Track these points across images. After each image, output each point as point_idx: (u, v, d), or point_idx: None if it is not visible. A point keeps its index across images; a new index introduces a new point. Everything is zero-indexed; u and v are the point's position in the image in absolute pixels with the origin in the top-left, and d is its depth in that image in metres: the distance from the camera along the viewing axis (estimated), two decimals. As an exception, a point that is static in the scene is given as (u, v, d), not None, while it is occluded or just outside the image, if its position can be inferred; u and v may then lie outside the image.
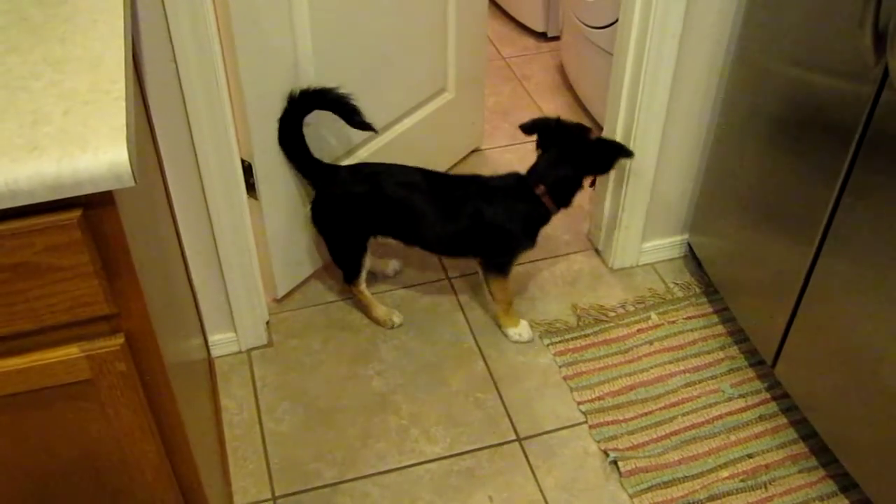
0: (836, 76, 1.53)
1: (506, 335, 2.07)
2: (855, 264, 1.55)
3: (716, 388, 1.94)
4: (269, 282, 2.07)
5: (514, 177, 1.95)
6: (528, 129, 1.95)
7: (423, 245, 2.04)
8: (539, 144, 1.96)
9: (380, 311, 2.09)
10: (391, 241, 2.03)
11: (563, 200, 1.95)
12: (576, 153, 1.92)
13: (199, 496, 1.28)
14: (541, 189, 1.90)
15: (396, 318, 2.09)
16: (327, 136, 2.03)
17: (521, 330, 2.06)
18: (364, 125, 1.91)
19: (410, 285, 2.21)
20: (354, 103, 1.88)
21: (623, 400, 1.91)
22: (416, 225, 1.96)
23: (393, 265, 2.23)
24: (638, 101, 1.93)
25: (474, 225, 1.92)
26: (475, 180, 1.97)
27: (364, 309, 2.11)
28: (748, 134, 1.85)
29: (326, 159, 2.04)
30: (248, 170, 1.84)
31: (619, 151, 1.93)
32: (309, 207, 2.00)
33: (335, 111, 1.90)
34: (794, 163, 1.70)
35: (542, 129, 1.95)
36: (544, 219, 1.96)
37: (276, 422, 1.88)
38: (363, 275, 2.03)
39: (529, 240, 1.97)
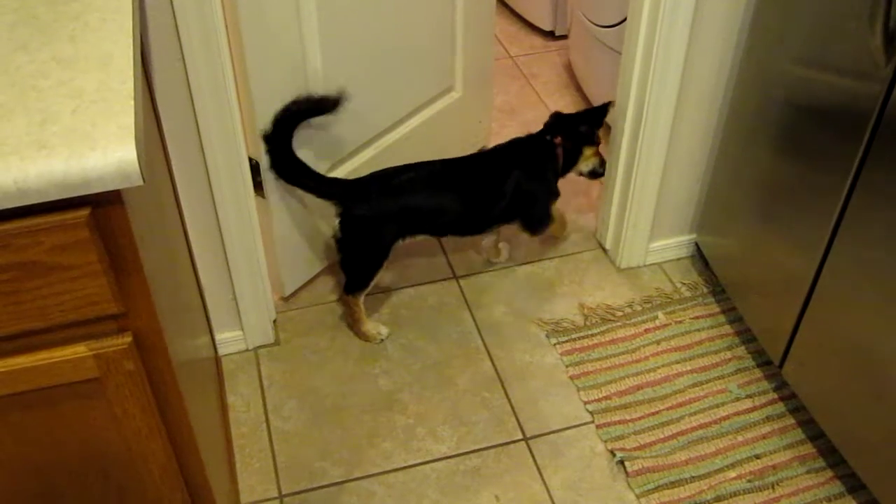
0: (845, 76, 1.52)
1: (555, 235, 2.29)
2: (863, 265, 1.54)
3: (723, 388, 1.93)
4: (276, 280, 2.07)
5: (525, 137, 2.11)
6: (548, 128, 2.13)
7: (456, 231, 2.11)
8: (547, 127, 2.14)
9: (368, 325, 2.05)
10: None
11: (567, 161, 2.11)
12: (571, 118, 2.14)
13: (206, 494, 1.28)
14: (558, 140, 2.07)
15: (383, 331, 2.06)
16: (329, 139, 2.03)
17: (506, 251, 2.26)
18: (335, 102, 1.86)
19: (417, 284, 2.21)
20: (318, 95, 1.86)
21: (630, 400, 1.91)
22: (456, 219, 2.03)
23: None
24: (646, 100, 1.92)
25: (515, 196, 2.02)
26: (496, 154, 2.10)
27: (353, 322, 2.07)
28: (756, 134, 1.84)
29: (334, 160, 2.04)
30: (255, 168, 1.84)
31: (604, 107, 2.12)
32: (336, 225, 1.94)
33: (312, 115, 1.87)
34: (802, 163, 1.69)
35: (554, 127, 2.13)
36: (558, 173, 2.12)
37: (282, 420, 1.88)
38: (368, 288, 2.01)
39: (556, 190, 2.13)
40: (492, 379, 1.97)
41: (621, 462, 1.78)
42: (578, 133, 2.10)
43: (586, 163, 2.14)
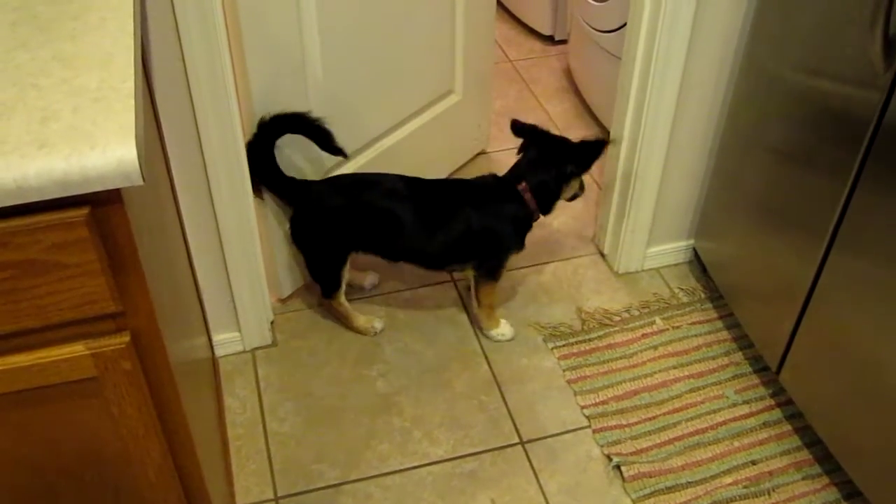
0: (844, 82, 1.53)
1: (489, 337, 2.07)
2: (862, 272, 1.54)
3: (720, 393, 1.93)
4: (273, 281, 2.07)
5: (493, 177, 1.96)
6: (518, 131, 1.96)
7: (410, 259, 1.99)
8: (520, 149, 1.96)
9: (360, 320, 2.06)
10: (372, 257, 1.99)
11: (545, 204, 1.93)
12: (556, 152, 1.93)
13: (203, 495, 1.28)
14: (523, 186, 1.89)
15: (378, 324, 2.07)
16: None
17: (503, 330, 2.06)
18: (337, 151, 1.88)
19: (414, 287, 2.21)
20: (328, 128, 1.84)
21: (627, 405, 1.91)
22: (402, 238, 1.91)
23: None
24: (645, 105, 1.93)
25: (466, 231, 1.89)
26: (458, 185, 2.00)
27: (344, 321, 2.08)
28: (755, 139, 1.85)
29: (326, 165, 2.04)
30: (254, 169, 1.84)
31: (600, 144, 1.92)
32: (287, 226, 1.97)
33: (309, 136, 1.86)
34: (801, 169, 1.69)
35: (526, 133, 1.96)
36: (529, 221, 1.95)
37: (279, 422, 1.88)
38: (342, 289, 2.00)
39: (520, 241, 1.96)
40: (489, 383, 1.97)
41: (618, 467, 1.78)
42: (563, 174, 1.92)
43: (568, 193, 1.98)
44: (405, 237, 1.90)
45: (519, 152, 1.96)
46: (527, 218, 1.93)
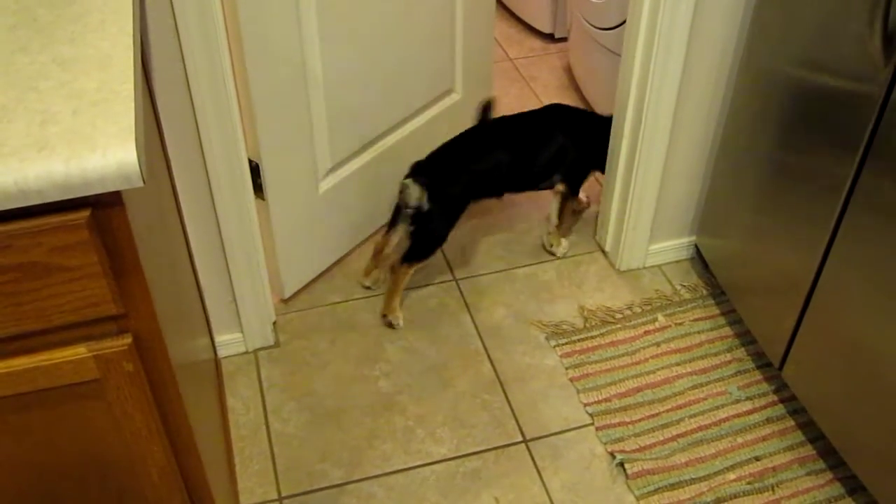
0: (844, 78, 1.53)
1: (554, 253, 2.31)
2: (863, 266, 1.54)
3: (723, 390, 1.93)
4: (275, 282, 2.07)
5: (552, 108, 2.33)
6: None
7: (514, 189, 2.28)
8: None
9: (397, 303, 2.12)
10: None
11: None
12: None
13: (206, 496, 1.28)
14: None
15: (401, 321, 2.11)
16: (329, 141, 2.03)
17: (564, 246, 2.31)
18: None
19: (417, 286, 2.21)
20: None
21: (630, 402, 1.91)
22: (515, 176, 2.20)
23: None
24: (645, 102, 1.93)
25: (560, 153, 2.20)
26: (535, 117, 2.28)
27: (390, 294, 2.12)
28: (756, 135, 1.85)
29: (334, 162, 2.04)
30: (255, 170, 1.84)
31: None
32: (423, 199, 2.03)
33: None
34: (802, 165, 1.69)
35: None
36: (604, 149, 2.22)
37: (282, 422, 1.88)
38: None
39: (600, 161, 2.25)
40: (491, 381, 1.97)
41: (621, 464, 1.78)
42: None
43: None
44: (519, 173, 2.20)
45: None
46: (604, 148, 2.21)
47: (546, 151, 2.20)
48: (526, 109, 2.26)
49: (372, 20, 1.97)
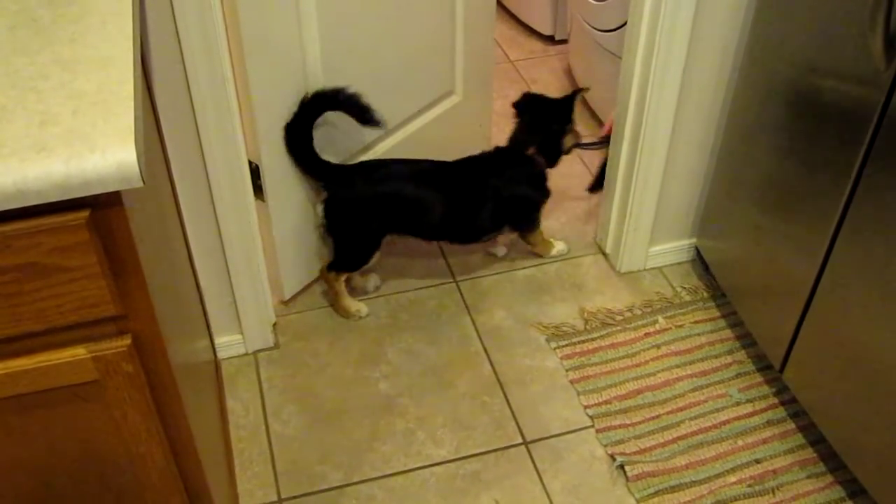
0: (845, 79, 1.52)
1: (550, 257, 2.28)
2: (864, 269, 1.54)
3: (723, 392, 1.93)
4: (275, 284, 2.07)
5: (499, 149, 2.15)
6: (518, 106, 2.16)
7: (447, 237, 2.17)
8: (516, 114, 2.16)
9: (348, 300, 2.11)
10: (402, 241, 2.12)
11: (552, 159, 2.13)
12: (545, 113, 2.14)
13: (206, 498, 1.28)
14: (532, 150, 2.09)
15: (363, 310, 2.12)
16: (333, 139, 2.03)
17: (559, 248, 2.28)
18: (375, 122, 1.93)
19: (417, 288, 2.20)
20: (366, 102, 1.90)
21: (630, 404, 1.91)
22: (438, 220, 2.05)
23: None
24: (646, 104, 1.92)
25: (497, 201, 2.07)
26: (476, 161, 2.12)
27: (332, 298, 2.13)
28: (757, 137, 1.84)
29: (333, 160, 2.04)
30: (255, 171, 1.84)
31: (572, 97, 2.13)
32: (321, 208, 1.99)
33: (347, 111, 1.91)
34: (803, 167, 1.69)
35: (523, 106, 2.17)
36: (544, 175, 2.13)
37: (282, 424, 1.87)
38: (371, 263, 2.08)
39: (544, 192, 2.15)
40: (492, 383, 1.97)
41: (621, 466, 1.78)
42: (552, 133, 2.12)
43: (569, 143, 2.16)
44: (441, 219, 2.05)
45: (516, 118, 2.15)
46: (542, 174, 2.13)
47: (486, 210, 2.08)
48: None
49: (372, 22, 1.97)
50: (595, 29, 2.61)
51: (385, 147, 2.20)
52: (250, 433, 1.86)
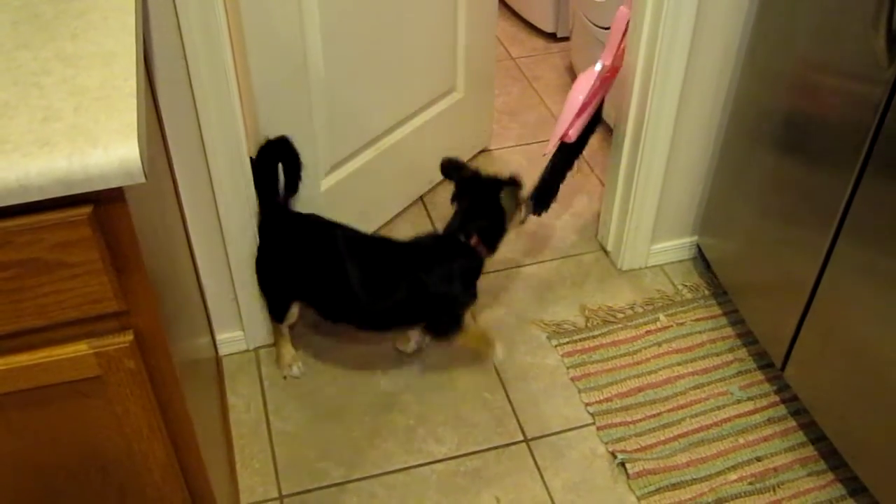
0: (848, 78, 1.52)
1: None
2: (866, 267, 1.54)
3: (724, 390, 1.93)
4: (277, 280, 2.06)
5: (432, 237, 1.88)
6: (443, 170, 1.90)
7: (352, 321, 1.89)
8: (453, 198, 1.88)
9: (284, 351, 1.96)
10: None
11: (493, 246, 1.84)
12: (491, 194, 1.82)
13: (207, 494, 1.28)
14: (475, 240, 1.80)
15: (295, 370, 1.95)
16: (330, 140, 2.03)
17: (497, 351, 1.94)
18: (293, 188, 1.85)
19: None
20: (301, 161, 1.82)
21: (631, 401, 1.91)
22: (345, 298, 1.80)
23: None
24: (648, 101, 1.92)
25: (415, 296, 1.79)
26: (406, 247, 1.85)
27: (275, 345, 1.99)
28: (758, 135, 1.84)
29: (335, 161, 2.03)
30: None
31: (499, 185, 1.82)
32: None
33: (287, 165, 1.84)
34: (804, 165, 1.69)
35: (452, 172, 1.89)
36: (479, 269, 1.84)
37: (283, 421, 1.87)
38: (286, 323, 1.93)
39: (472, 294, 1.85)
40: (493, 380, 1.97)
41: (622, 464, 1.78)
42: (502, 214, 1.83)
43: (514, 224, 1.88)
44: (348, 298, 1.79)
45: (452, 201, 1.88)
46: (478, 268, 1.84)
47: (404, 302, 1.80)
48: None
49: (374, 18, 1.97)
50: (597, 26, 2.60)
51: (387, 144, 2.20)
52: (251, 429, 1.86)
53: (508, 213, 1.83)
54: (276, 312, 1.92)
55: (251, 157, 1.76)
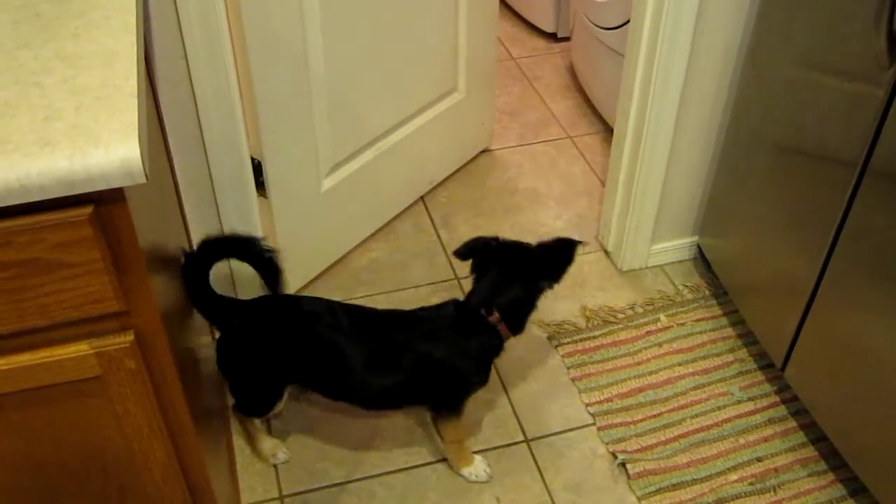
0: (848, 78, 1.52)
1: (460, 475, 1.76)
2: (866, 268, 1.54)
3: (725, 390, 1.93)
4: (277, 280, 2.06)
5: (452, 305, 1.65)
6: (463, 254, 1.66)
7: (353, 400, 1.70)
8: (474, 268, 1.66)
9: (264, 445, 1.77)
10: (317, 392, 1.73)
11: (519, 325, 1.65)
12: (524, 265, 1.64)
13: (207, 494, 1.28)
14: (495, 317, 1.60)
15: (280, 457, 1.77)
16: (331, 140, 2.03)
17: (474, 469, 1.75)
18: (274, 289, 1.60)
19: (418, 286, 2.20)
20: (279, 264, 1.58)
21: (631, 402, 1.91)
22: (344, 375, 1.61)
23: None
24: (649, 102, 1.92)
25: (420, 372, 1.60)
26: (411, 317, 1.66)
27: (249, 440, 1.80)
28: (759, 136, 1.84)
29: (336, 161, 2.03)
30: (257, 168, 1.83)
31: (571, 246, 1.68)
32: (214, 350, 1.64)
33: (254, 265, 1.58)
34: (805, 165, 1.69)
35: (479, 252, 1.66)
36: (497, 350, 1.65)
37: (283, 421, 1.87)
38: (272, 412, 1.71)
39: (484, 376, 1.67)
40: (493, 380, 1.96)
41: (623, 464, 1.78)
42: (536, 290, 1.65)
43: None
44: (350, 375, 1.60)
45: (472, 272, 1.66)
46: (495, 349, 1.64)
47: (413, 381, 1.61)
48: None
49: (375, 18, 1.97)
50: (598, 26, 2.60)
51: (388, 144, 2.20)
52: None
53: (543, 288, 1.65)
54: (263, 403, 1.68)
55: (184, 252, 1.54)
